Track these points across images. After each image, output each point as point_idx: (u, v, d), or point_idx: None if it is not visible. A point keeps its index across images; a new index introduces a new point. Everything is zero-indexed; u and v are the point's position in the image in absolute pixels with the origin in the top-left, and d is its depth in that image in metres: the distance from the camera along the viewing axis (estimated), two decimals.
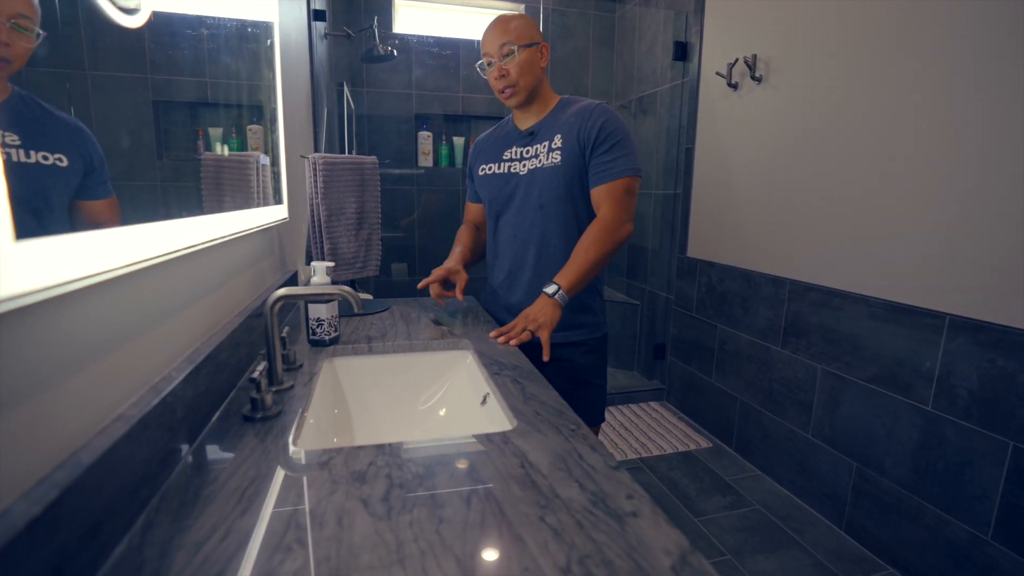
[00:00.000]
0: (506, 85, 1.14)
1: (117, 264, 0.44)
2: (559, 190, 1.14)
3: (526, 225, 1.19)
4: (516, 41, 1.11)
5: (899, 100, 1.45)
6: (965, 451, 1.31)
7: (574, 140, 1.13)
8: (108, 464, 0.43)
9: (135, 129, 0.54)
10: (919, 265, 1.41)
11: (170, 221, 0.55)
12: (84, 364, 0.44)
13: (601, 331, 1.24)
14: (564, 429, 0.68)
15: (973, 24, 1.27)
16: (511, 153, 1.22)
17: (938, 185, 1.36)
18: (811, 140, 1.76)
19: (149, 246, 0.50)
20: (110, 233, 0.43)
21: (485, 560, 0.44)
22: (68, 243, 0.37)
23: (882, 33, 1.49)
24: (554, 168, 1.14)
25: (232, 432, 0.66)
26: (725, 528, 1.69)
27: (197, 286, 0.71)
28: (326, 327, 1.00)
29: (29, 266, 0.33)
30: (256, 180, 0.98)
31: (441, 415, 0.98)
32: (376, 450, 0.62)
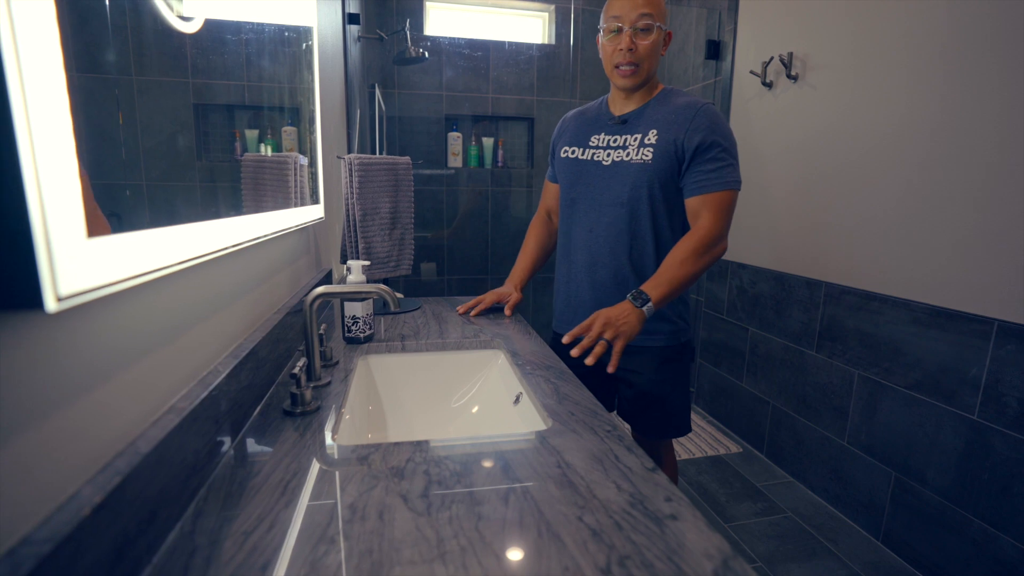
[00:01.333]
0: (631, 60, 1.03)
1: (174, 260, 0.46)
2: (643, 190, 1.06)
3: (604, 221, 1.11)
4: (658, 18, 1.02)
5: (942, 97, 1.40)
6: (1014, 463, 1.25)
7: (672, 139, 1.03)
8: (162, 454, 0.45)
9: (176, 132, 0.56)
10: (965, 268, 1.35)
11: (217, 220, 0.57)
12: (141, 356, 0.46)
13: (674, 340, 1.14)
14: (599, 430, 0.68)
15: (1021, 18, 1.21)
16: (598, 139, 1.13)
17: (984, 185, 1.30)
18: (849, 139, 1.70)
19: (200, 244, 0.52)
20: (167, 232, 0.45)
21: (525, 558, 0.44)
22: (131, 240, 0.39)
23: (924, 28, 1.44)
24: (643, 165, 1.05)
25: (273, 426, 0.68)
26: (756, 535, 1.66)
27: (241, 283, 0.73)
28: (361, 325, 1.02)
29: (97, 263, 0.34)
30: (294, 180, 1.00)
31: (474, 413, 0.98)
32: (414, 447, 0.63)
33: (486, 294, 1.29)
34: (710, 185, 1.02)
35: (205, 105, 0.64)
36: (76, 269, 0.32)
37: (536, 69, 3.01)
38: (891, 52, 1.55)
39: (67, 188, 0.31)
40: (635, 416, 1.20)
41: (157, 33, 0.47)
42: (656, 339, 1.13)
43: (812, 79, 1.86)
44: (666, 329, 1.13)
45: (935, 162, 1.43)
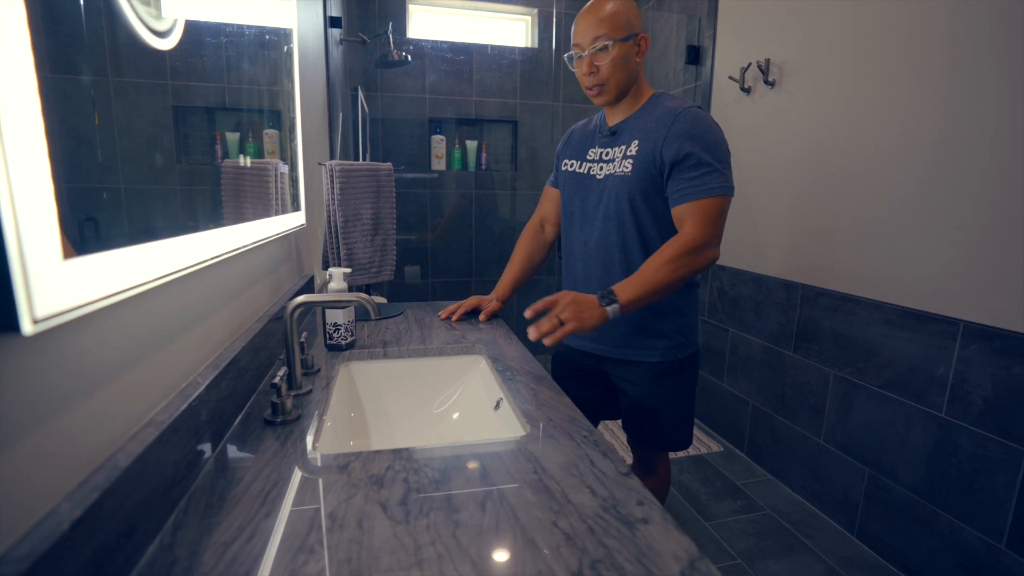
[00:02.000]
0: (595, 83, 1.02)
1: (153, 276, 0.46)
2: (625, 203, 1.05)
3: (596, 235, 1.10)
4: (612, 34, 0.98)
5: (914, 105, 1.44)
6: (979, 458, 1.30)
7: (650, 150, 1.01)
8: (141, 467, 0.45)
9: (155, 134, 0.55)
10: (933, 271, 1.40)
11: (196, 234, 0.58)
12: (119, 371, 0.47)
13: (671, 356, 1.11)
14: (576, 435, 0.70)
15: (992, 27, 1.26)
16: (594, 152, 1.12)
17: (953, 190, 1.35)
18: (824, 145, 1.75)
19: (178, 259, 0.52)
20: (145, 248, 0.45)
21: (500, 564, 0.46)
22: (108, 260, 0.39)
23: (897, 36, 1.49)
24: (624, 178, 1.04)
25: (254, 435, 0.68)
26: (736, 532, 1.69)
27: (221, 294, 0.74)
28: (343, 332, 1.03)
29: (74, 284, 0.35)
30: (274, 188, 1.00)
31: (455, 419, 0.99)
32: (393, 454, 0.64)
33: (467, 299, 1.31)
34: (692, 193, 0.98)
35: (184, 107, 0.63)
36: (52, 291, 0.32)
37: (519, 72, 3.03)
38: (864, 60, 1.59)
39: (43, 211, 0.32)
40: (629, 427, 1.22)
41: (133, 49, 0.47)
42: (650, 354, 1.11)
43: (788, 85, 1.91)
44: (661, 345, 1.11)
45: (905, 168, 1.47)
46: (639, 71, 1.06)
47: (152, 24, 0.48)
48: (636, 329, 1.11)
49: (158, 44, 0.49)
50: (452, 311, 1.28)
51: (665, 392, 1.13)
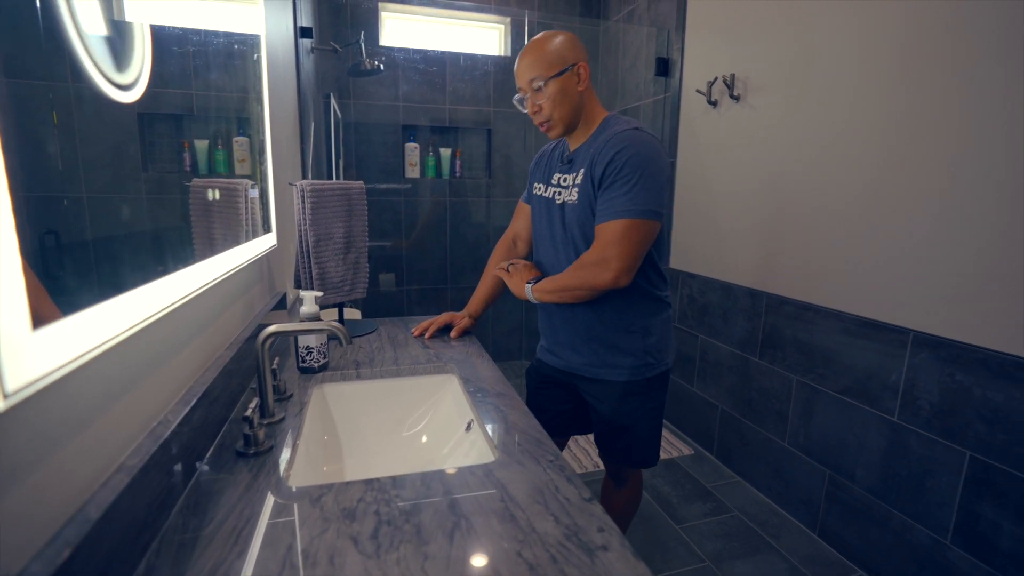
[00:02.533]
0: (541, 121, 1.08)
1: (122, 329, 0.47)
2: (576, 230, 1.08)
3: (556, 260, 1.15)
4: (546, 73, 1.02)
5: (870, 124, 1.52)
6: (927, 460, 1.37)
7: (589, 177, 1.04)
8: (113, 516, 0.46)
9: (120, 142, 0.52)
10: (886, 282, 1.48)
11: (167, 277, 0.58)
12: (88, 422, 0.47)
13: (638, 376, 1.13)
14: (543, 460, 0.72)
15: (945, 44, 1.33)
16: (556, 178, 1.15)
17: (905, 207, 1.42)
18: (786, 160, 1.82)
19: (149, 306, 0.53)
20: (114, 303, 0.46)
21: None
22: (76, 323, 0.40)
23: (856, 56, 1.56)
24: (573, 206, 1.08)
25: (226, 469, 0.69)
26: (705, 535, 1.75)
27: (191, 327, 0.74)
28: (315, 355, 1.04)
29: (44, 353, 0.36)
30: (245, 212, 1.00)
31: (428, 441, 1.01)
32: (365, 485, 0.66)
33: (440, 315, 1.32)
34: (602, 214, 1.00)
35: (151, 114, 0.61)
36: (23, 364, 0.33)
37: (492, 81, 3.05)
38: (824, 78, 1.66)
39: (11, 288, 0.33)
40: (600, 442, 1.25)
41: (103, 100, 0.48)
42: (618, 373, 1.14)
43: (753, 100, 1.97)
44: (628, 364, 1.13)
45: (859, 184, 1.55)
46: (585, 98, 1.08)
47: (117, 79, 0.49)
48: (604, 347, 1.14)
49: (123, 98, 0.50)
50: (424, 328, 1.30)
51: (633, 410, 1.16)
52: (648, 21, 2.66)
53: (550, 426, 1.25)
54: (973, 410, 1.27)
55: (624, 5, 2.88)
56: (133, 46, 0.52)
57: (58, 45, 0.40)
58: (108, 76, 0.46)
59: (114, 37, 0.48)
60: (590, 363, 1.16)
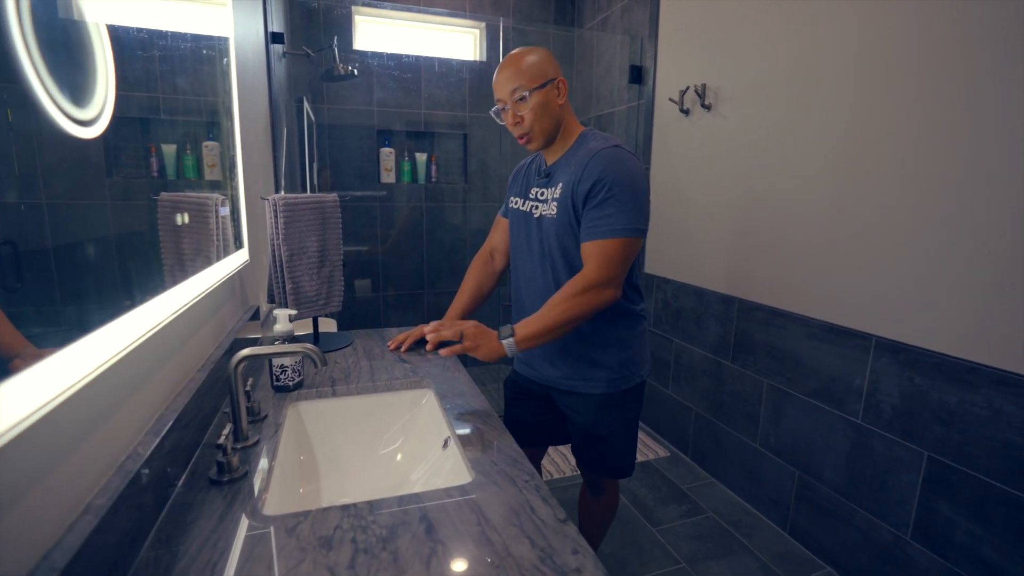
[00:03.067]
0: (521, 133, 1.08)
1: (88, 371, 0.46)
2: (555, 243, 1.09)
3: (537, 271, 1.15)
4: (528, 84, 1.03)
5: (837, 135, 1.57)
6: (889, 460, 1.43)
7: (569, 192, 1.05)
8: (80, 560, 0.45)
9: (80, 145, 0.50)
10: (851, 289, 1.53)
11: (134, 312, 0.58)
12: (52, 466, 0.46)
13: (613, 388, 1.15)
14: (519, 480, 0.74)
15: (912, 55, 1.39)
16: (534, 192, 1.16)
17: (868, 216, 1.48)
18: (756, 168, 1.87)
19: (114, 345, 0.52)
20: (78, 347, 0.46)
21: None
22: (38, 375, 0.40)
23: (826, 67, 1.61)
24: (552, 220, 1.09)
25: (199, 499, 0.68)
26: (681, 536, 1.79)
27: (160, 355, 0.73)
28: (290, 373, 1.03)
29: (7, 406, 0.35)
30: (216, 230, 0.99)
31: (404, 459, 1.01)
32: (342, 512, 0.66)
33: (415, 328, 1.32)
34: (594, 232, 1.01)
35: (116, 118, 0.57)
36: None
37: (468, 86, 3.05)
38: (794, 89, 1.71)
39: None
40: (576, 452, 1.27)
41: (62, 137, 0.47)
42: (594, 386, 1.15)
43: (723, 110, 2.02)
44: (603, 376, 1.14)
45: (823, 192, 1.60)
46: (563, 113, 1.10)
47: (75, 114, 0.48)
48: (580, 360, 1.15)
49: (83, 133, 0.49)
50: (400, 341, 1.29)
51: (610, 422, 1.18)
52: (621, 29, 2.69)
53: (528, 437, 1.28)
54: (930, 412, 1.33)
55: (598, 12, 2.91)
56: (96, 78, 0.51)
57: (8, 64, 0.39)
58: (68, 112, 0.46)
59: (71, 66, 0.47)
60: (566, 376, 1.17)
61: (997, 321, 1.19)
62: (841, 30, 1.52)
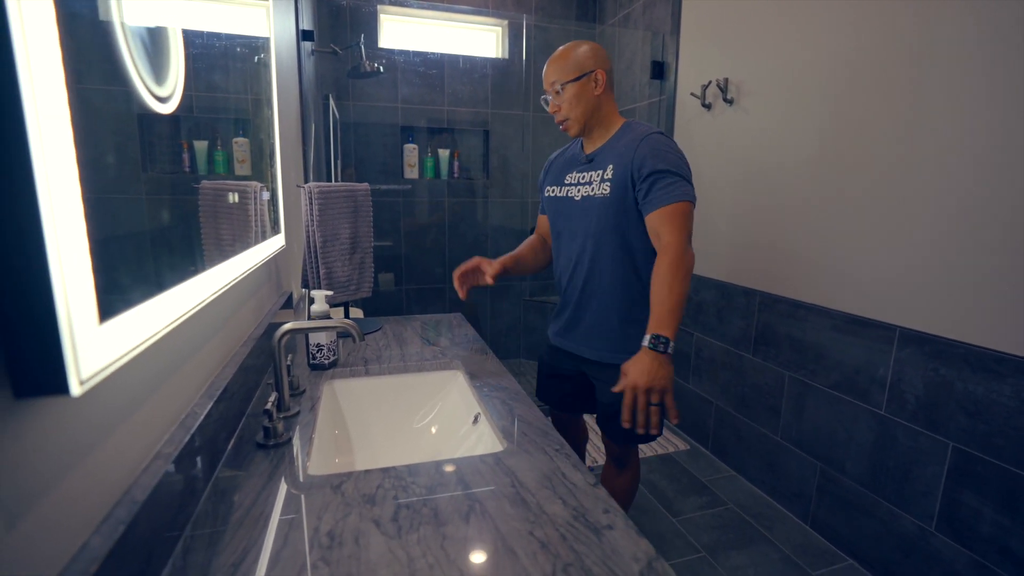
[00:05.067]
0: (560, 120, 1.19)
1: (162, 326, 0.51)
2: (608, 222, 1.16)
3: (577, 252, 1.22)
4: (563, 77, 1.15)
5: (860, 127, 1.57)
6: (913, 451, 1.43)
7: (624, 171, 1.13)
8: (155, 498, 0.50)
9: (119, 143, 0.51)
10: (875, 281, 1.53)
11: (198, 277, 0.62)
12: (131, 412, 0.51)
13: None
14: (549, 449, 0.76)
15: (937, 49, 1.39)
16: (571, 177, 1.25)
17: (892, 207, 1.47)
18: (778, 162, 1.87)
19: (183, 305, 0.57)
20: (156, 302, 0.50)
21: (484, 571, 0.52)
22: (129, 318, 0.44)
23: (848, 60, 1.61)
24: (603, 199, 1.16)
25: (248, 459, 0.73)
26: (701, 527, 1.80)
27: (211, 325, 0.77)
28: (325, 352, 1.07)
29: (107, 345, 0.39)
30: (254, 211, 1.04)
31: (436, 433, 1.05)
32: (383, 473, 0.69)
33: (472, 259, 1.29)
34: (661, 200, 1.09)
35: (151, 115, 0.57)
36: (92, 354, 0.37)
37: (491, 83, 3.09)
38: (816, 82, 1.72)
39: (83, 281, 0.37)
40: (604, 423, 1.30)
41: (147, 114, 0.51)
42: (623, 356, 1.15)
43: (745, 104, 2.02)
44: (634, 348, 1.14)
45: (848, 184, 1.60)
46: (602, 103, 1.18)
47: (156, 91, 0.52)
48: (614, 337, 1.21)
49: (162, 109, 0.54)
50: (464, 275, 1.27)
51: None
52: (643, 25, 2.70)
53: (563, 404, 1.39)
54: (955, 403, 1.32)
55: (620, 9, 2.92)
56: (169, 56, 0.55)
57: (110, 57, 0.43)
58: (150, 88, 0.50)
59: (150, 46, 0.52)
60: (601, 350, 1.23)
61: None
62: (868, 17, 1.52)
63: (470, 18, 3.08)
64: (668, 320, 1.03)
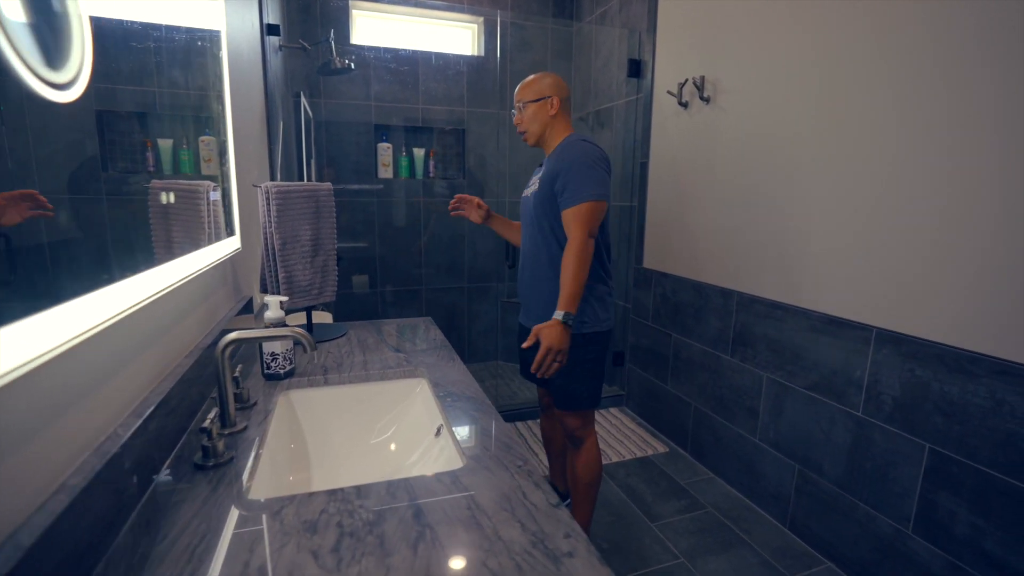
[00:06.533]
0: (520, 131, 1.50)
1: (62, 340, 0.45)
2: (538, 211, 1.43)
3: (528, 244, 1.50)
4: (524, 98, 1.45)
5: (836, 127, 1.55)
6: (889, 452, 1.42)
7: (549, 171, 1.39)
8: (50, 540, 0.44)
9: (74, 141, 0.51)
10: (852, 280, 1.52)
11: (115, 285, 0.56)
12: (25, 440, 0.45)
13: (577, 330, 1.41)
14: (511, 465, 0.72)
15: (913, 44, 1.37)
16: (531, 180, 1.53)
17: (867, 207, 1.46)
18: (755, 161, 1.85)
19: (94, 315, 0.51)
20: (54, 313, 0.44)
21: None
22: (28, 327, 0.38)
23: (825, 59, 1.59)
24: (533, 194, 1.45)
25: (183, 483, 0.67)
26: (680, 531, 1.77)
27: (144, 336, 0.71)
28: (281, 361, 1.01)
29: None
30: (207, 212, 0.97)
31: (396, 448, 1.00)
32: (328, 496, 0.64)
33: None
34: (567, 201, 1.33)
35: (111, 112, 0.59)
36: None
37: (466, 80, 3.03)
38: (793, 80, 1.70)
39: None
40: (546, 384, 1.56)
41: (36, 101, 0.45)
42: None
43: (722, 102, 2.00)
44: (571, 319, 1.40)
45: (823, 183, 1.58)
46: (555, 122, 1.46)
47: (51, 78, 0.46)
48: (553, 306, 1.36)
49: (58, 97, 0.48)
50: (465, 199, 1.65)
51: (574, 359, 1.41)
52: (620, 23, 2.68)
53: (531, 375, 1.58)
54: (932, 403, 1.31)
55: (596, 6, 2.89)
56: (70, 41, 0.49)
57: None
58: (38, 73, 0.44)
59: (43, 28, 0.46)
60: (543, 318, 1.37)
61: (998, 310, 1.17)
62: (844, 16, 1.50)
63: (445, 15, 3.02)
64: (572, 301, 1.28)
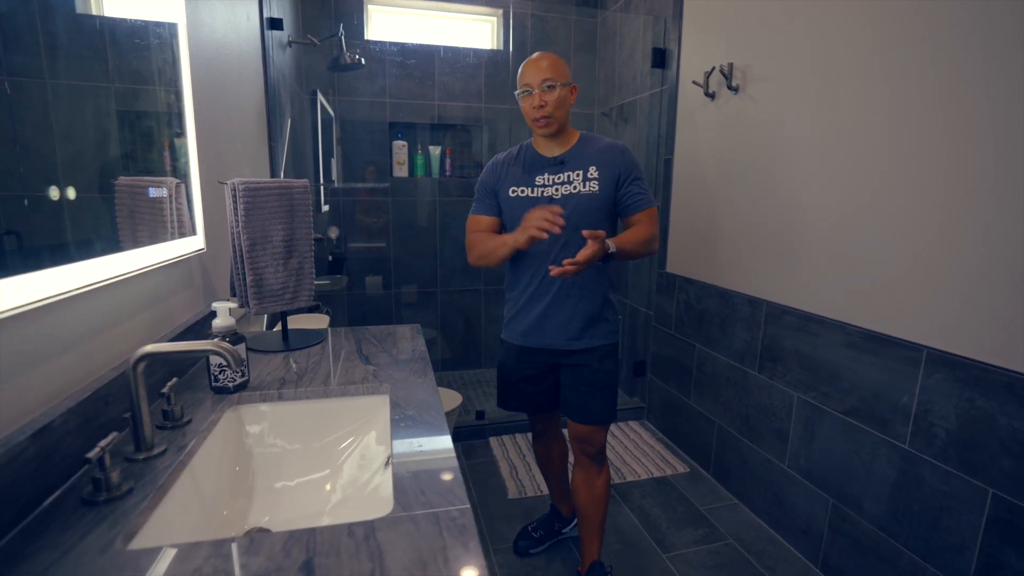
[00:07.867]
0: (543, 115, 1.25)
1: None
2: (597, 215, 1.29)
3: (560, 244, 1.29)
4: (558, 78, 1.24)
5: (878, 116, 1.35)
6: (943, 495, 1.21)
7: (610, 173, 1.29)
8: None
9: None
10: (897, 292, 1.31)
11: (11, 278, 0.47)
12: None
13: (612, 339, 1.38)
14: (444, 518, 0.59)
15: (956, 34, 1.17)
16: (543, 179, 1.32)
17: (919, 208, 1.26)
18: (788, 156, 1.66)
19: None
20: None
21: None
22: None
23: (860, 44, 1.39)
24: (591, 195, 1.29)
25: (59, 523, 0.57)
26: (694, 565, 1.60)
27: (50, 341, 0.62)
28: (229, 373, 0.92)
29: None
30: (144, 211, 0.89)
31: (340, 478, 0.89)
32: (212, 548, 0.53)
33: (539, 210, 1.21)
34: (642, 203, 1.31)
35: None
36: None
37: (484, 75, 2.92)
38: (830, 65, 1.50)
39: None
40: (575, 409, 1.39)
41: None
42: (601, 338, 1.37)
43: (752, 91, 1.81)
44: (606, 329, 1.37)
45: (870, 182, 1.38)
46: (569, 113, 1.30)
47: None
48: (589, 319, 1.34)
49: None
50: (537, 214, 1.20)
51: (610, 370, 1.37)
52: (645, 10, 2.50)
53: (535, 404, 1.48)
54: (997, 441, 1.10)
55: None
56: None
57: None
58: None
59: None
60: (575, 336, 1.34)
61: None
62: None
63: (464, 7, 2.92)
64: (622, 251, 1.23)
